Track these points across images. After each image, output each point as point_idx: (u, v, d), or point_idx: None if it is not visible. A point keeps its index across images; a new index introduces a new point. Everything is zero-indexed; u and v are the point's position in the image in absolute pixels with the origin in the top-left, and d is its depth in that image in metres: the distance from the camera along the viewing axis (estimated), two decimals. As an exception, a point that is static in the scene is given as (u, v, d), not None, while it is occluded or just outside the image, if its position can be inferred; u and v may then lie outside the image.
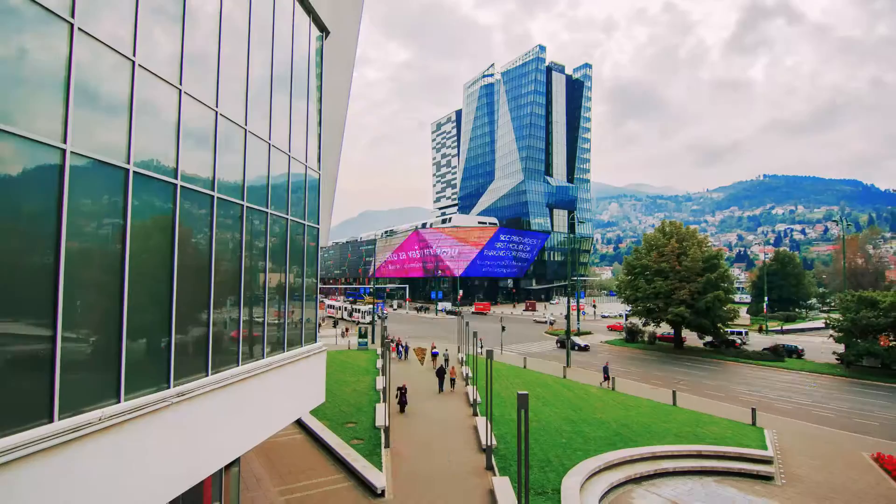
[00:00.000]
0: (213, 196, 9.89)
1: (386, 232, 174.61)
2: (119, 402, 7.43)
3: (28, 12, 6.28)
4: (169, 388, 8.54)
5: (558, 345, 58.18)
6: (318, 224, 15.47)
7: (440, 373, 33.26)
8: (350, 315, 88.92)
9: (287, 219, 13.32)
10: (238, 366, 10.87)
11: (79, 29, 6.82)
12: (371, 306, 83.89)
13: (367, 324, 69.71)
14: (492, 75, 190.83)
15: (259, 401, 11.64)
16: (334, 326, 63.61)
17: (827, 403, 32.63)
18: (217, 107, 10.07)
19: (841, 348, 45.91)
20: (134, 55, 7.79)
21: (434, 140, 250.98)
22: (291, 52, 13.95)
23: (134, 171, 7.75)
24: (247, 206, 11.16)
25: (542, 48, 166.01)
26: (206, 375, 9.69)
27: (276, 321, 13.08)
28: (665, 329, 60.76)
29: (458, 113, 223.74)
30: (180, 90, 8.90)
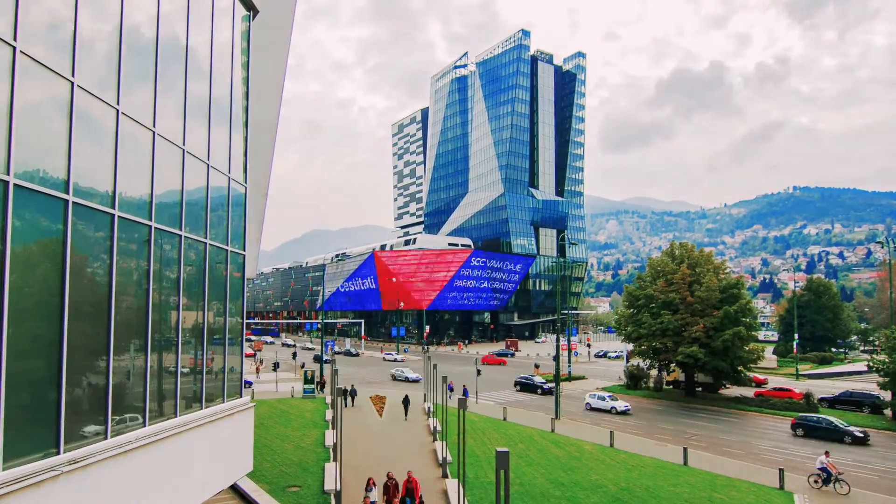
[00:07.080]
0: (113, 215, 9.93)
1: (337, 256, 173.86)
2: (-7, 472, 7.33)
3: None
4: (59, 454, 8.45)
5: (517, 388, 61.67)
6: (244, 250, 15.51)
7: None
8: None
9: (205, 243, 13.36)
10: (144, 426, 10.79)
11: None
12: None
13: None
14: (465, 66, 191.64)
15: (170, 470, 11.52)
16: (274, 369, 64.54)
17: (870, 463, 33.49)
18: (118, 104, 10.17)
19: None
20: (14, 40, 7.79)
21: (395, 145, 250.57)
22: (211, 34, 14.08)
23: (15, 185, 7.72)
24: (155, 228, 11.22)
25: (526, 33, 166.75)
26: (105, 438, 9.61)
27: (192, 371, 13.01)
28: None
29: (425, 112, 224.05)
30: (73, 83, 8.96)
